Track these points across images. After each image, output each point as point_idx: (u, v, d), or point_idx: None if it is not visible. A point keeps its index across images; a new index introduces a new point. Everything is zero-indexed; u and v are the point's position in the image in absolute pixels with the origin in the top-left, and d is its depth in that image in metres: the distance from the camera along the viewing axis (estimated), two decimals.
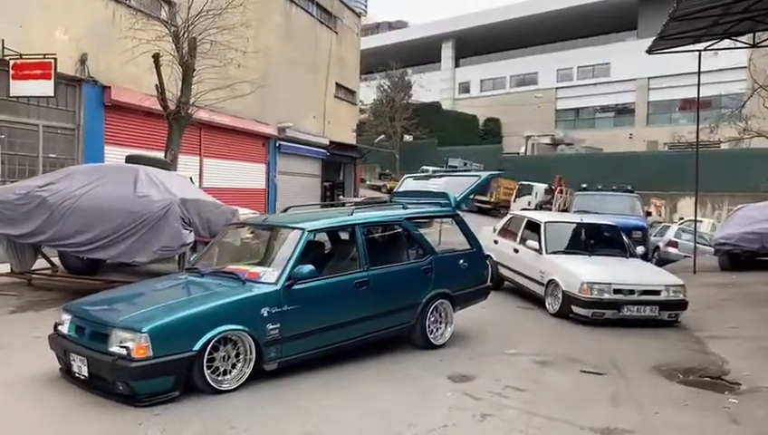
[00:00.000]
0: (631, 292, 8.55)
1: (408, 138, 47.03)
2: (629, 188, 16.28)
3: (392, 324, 6.43)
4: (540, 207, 32.42)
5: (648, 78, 48.38)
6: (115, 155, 14.94)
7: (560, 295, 8.88)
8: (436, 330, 6.95)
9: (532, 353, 6.91)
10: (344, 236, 6.71)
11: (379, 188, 40.13)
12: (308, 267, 5.51)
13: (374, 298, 6.15)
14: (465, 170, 8.89)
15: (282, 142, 23.53)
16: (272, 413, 4.69)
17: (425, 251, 6.87)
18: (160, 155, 14.13)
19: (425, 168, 40.69)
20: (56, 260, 10.80)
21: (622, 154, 37.80)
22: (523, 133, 50.82)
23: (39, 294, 9.46)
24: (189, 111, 14.18)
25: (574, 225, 10.40)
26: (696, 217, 15.78)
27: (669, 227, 20.61)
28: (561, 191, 31.23)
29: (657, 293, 8.65)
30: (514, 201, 33.84)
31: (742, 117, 17.36)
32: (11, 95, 12.27)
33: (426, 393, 5.38)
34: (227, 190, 19.97)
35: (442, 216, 7.62)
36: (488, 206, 35.00)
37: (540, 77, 55.92)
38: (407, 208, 7.04)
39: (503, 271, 10.94)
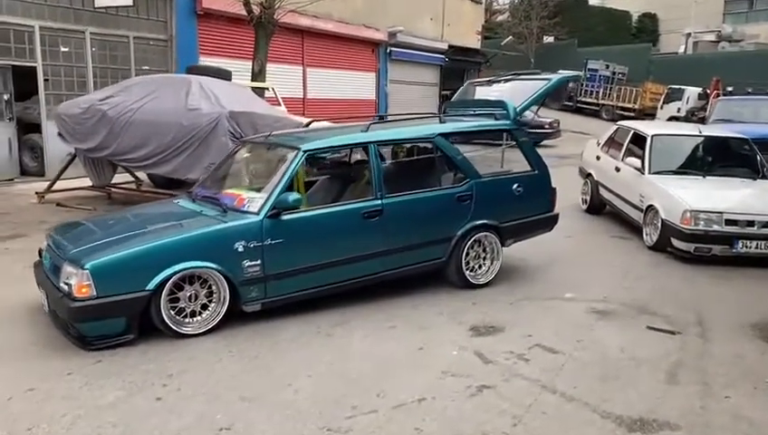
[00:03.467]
0: (750, 223, 6.81)
1: (548, 39, 43.30)
2: None
3: (415, 261, 5.47)
4: (691, 114, 28.71)
5: None
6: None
7: (659, 225, 7.33)
8: (478, 267, 5.89)
9: (594, 299, 5.67)
10: (359, 157, 5.74)
11: None
12: (293, 195, 4.66)
13: (389, 231, 5.19)
14: (573, 75, 7.29)
15: (393, 48, 22.29)
16: (223, 369, 4.02)
17: (464, 174, 5.72)
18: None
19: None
20: (143, 175, 10.88)
21: None
22: (683, 30, 44.79)
23: (113, 208, 9.47)
24: (275, 17, 13.48)
25: (691, 138, 8.51)
26: None
27: None
28: (717, 96, 27.23)
29: None
30: (661, 108, 30.25)
31: None
32: (96, 6, 12.24)
33: (428, 350, 4.45)
34: (333, 101, 19.42)
35: (494, 130, 6.32)
36: (632, 114, 31.60)
37: None
38: (444, 122, 5.86)
39: (603, 193, 9.40)
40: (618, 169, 8.77)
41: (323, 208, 5.08)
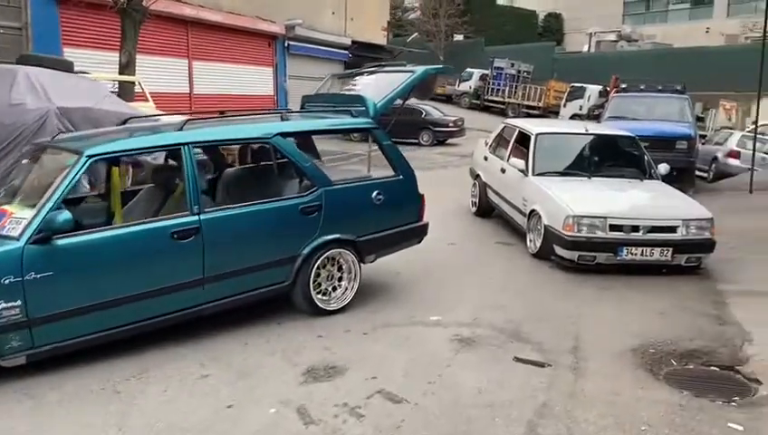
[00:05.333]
0: (635, 228, 6.30)
1: (458, 37, 43.35)
2: (679, 88, 13.32)
3: (249, 288, 4.53)
4: (592, 111, 29.26)
5: None
6: (75, 57, 13.22)
7: (542, 231, 6.74)
8: (332, 290, 5.04)
9: (462, 323, 4.93)
10: (173, 162, 4.75)
11: None
12: (62, 215, 3.62)
13: (211, 254, 4.24)
14: (440, 68, 6.63)
15: (292, 42, 21.24)
16: None
17: (311, 182, 4.85)
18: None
19: (469, 70, 37.59)
20: None
21: (690, 49, 33.20)
22: (586, 30, 45.98)
23: None
24: (145, 4, 12.21)
25: (577, 137, 8.00)
26: (756, 121, 12.92)
27: (733, 133, 17.48)
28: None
29: (671, 229, 6.36)
30: (564, 106, 30.65)
31: None
32: None
33: (240, 408, 3.52)
34: (224, 97, 18.17)
35: (351, 129, 5.47)
36: (537, 112, 31.91)
37: None
38: (287, 120, 4.96)
39: (491, 196, 8.78)
40: (503, 171, 8.17)
41: (112, 230, 4.05)
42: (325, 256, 4.89)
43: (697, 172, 13.53)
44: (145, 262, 4.00)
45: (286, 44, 21.13)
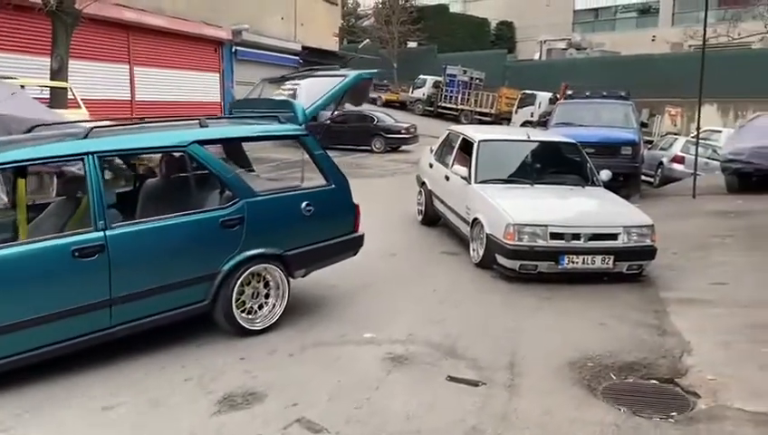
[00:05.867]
0: (576, 236, 6.18)
1: (411, 44, 43.46)
2: (623, 94, 13.46)
3: (164, 309, 4.20)
4: (543, 118, 29.61)
5: None
6: (4, 62, 12.65)
7: (484, 240, 6.57)
8: (258, 308, 4.74)
9: (396, 339, 4.69)
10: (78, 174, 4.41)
11: (373, 101, 36.91)
12: None
13: (119, 273, 3.90)
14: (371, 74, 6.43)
15: (239, 48, 20.80)
16: None
17: (233, 193, 4.55)
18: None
19: (422, 77, 37.69)
20: None
21: (637, 57, 33.86)
22: (537, 38, 46.68)
23: None
24: (77, 7, 11.70)
25: (519, 144, 7.89)
26: (698, 126, 13.13)
27: (677, 139, 17.81)
28: None
29: (612, 237, 6.27)
30: (516, 113, 30.93)
31: None
32: None
33: None
34: (168, 104, 17.63)
35: (278, 136, 5.17)
36: (489, 118, 32.12)
37: None
38: (205, 126, 4.65)
39: (436, 204, 8.60)
40: (447, 178, 8.00)
41: (5, 248, 3.66)
42: (249, 271, 4.59)
43: (644, 177, 13.70)
44: (43, 283, 3.63)
45: (233, 50, 20.69)
